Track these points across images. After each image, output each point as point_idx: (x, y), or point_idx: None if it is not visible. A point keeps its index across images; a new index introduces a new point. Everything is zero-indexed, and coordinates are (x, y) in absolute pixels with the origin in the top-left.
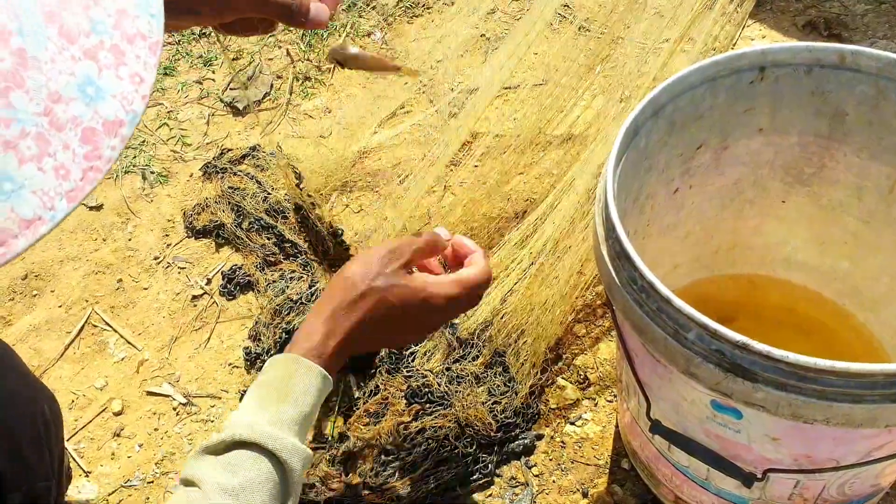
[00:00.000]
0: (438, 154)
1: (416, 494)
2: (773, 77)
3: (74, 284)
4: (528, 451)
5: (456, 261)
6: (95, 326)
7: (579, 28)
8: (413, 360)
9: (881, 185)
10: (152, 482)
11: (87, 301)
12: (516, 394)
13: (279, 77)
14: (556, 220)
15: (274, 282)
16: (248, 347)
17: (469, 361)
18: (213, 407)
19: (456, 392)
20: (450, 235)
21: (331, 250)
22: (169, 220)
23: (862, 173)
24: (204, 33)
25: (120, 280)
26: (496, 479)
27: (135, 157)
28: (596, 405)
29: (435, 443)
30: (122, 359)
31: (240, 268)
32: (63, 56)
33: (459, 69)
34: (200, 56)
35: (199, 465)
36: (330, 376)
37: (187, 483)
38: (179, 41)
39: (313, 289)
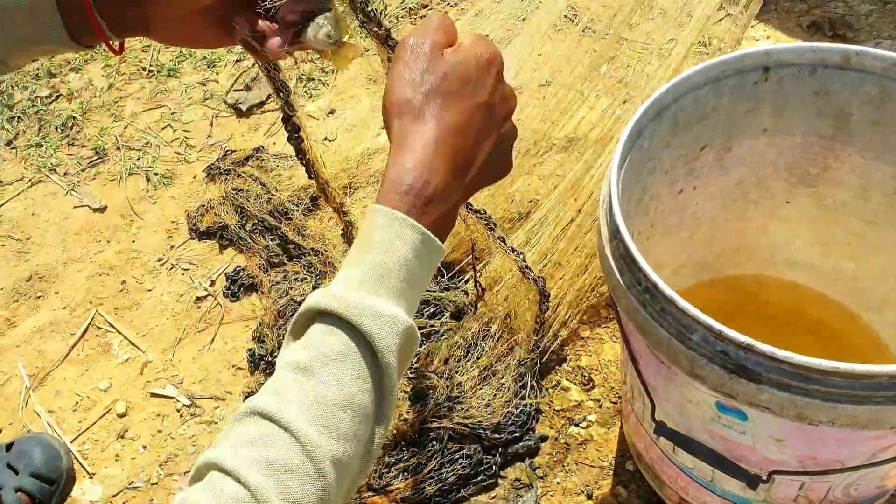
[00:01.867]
0: None
1: (419, 496)
2: (777, 77)
3: (78, 286)
4: (533, 452)
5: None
6: (99, 328)
7: (584, 29)
8: (417, 362)
9: (886, 186)
10: (156, 484)
11: (91, 303)
12: (521, 395)
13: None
14: (560, 221)
15: (277, 283)
16: (251, 349)
17: (473, 362)
18: (217, 408)
19: (460, 394)
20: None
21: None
22: (173, 222)
23: (866, 174)
24: None
25: (124, 282)
26: (500, 481)
27: (138, 158)
28: (600, 407)
29: (439, 444)
30: (126, 360)
31: (243, 269)
32: None
33: None
34: (204, 58)
35: (283, 351)
36: (421, 226)
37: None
38: None
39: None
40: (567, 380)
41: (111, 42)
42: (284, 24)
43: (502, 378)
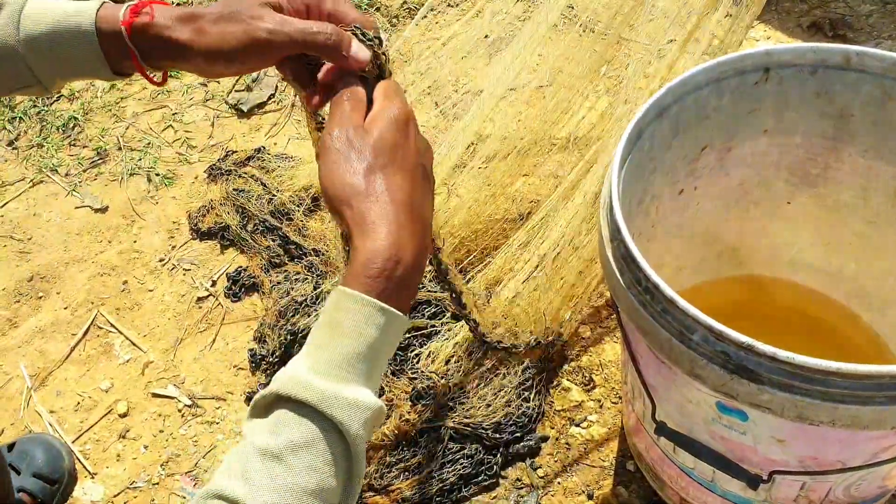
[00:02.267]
0: (443, 156)
1: (420, 496)
2: (777, 78)
3: (80, 286)
4: (534, 452)
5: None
6: (101, 328)
7: (584, 29)
8: (418, 362)
9: (887, 186)
10: (157, 483)
11: (92, 303)
12: (524, 397)
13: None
14: (560, 222)
15: (279, 283)
16: (253, 349)
17: (476, 362)
18: (218, 409)
19: (461, 393)
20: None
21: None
22: (174, 222)
23: (868, 174)
24: None
25: (125, 282)
26: (501, 481)
27: (140, 159)
28: (601, 407)
29: (440, 444)
30: (128, 360)
31: (245, 269)
32: None
33: (463, 71)
34: None
35: (246, 428)
36: (393, 308)
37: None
38: None
39: (318, 290)
40: (568, 380)
41: (152, 76)
42: (323, 86)
43: (504, 379)
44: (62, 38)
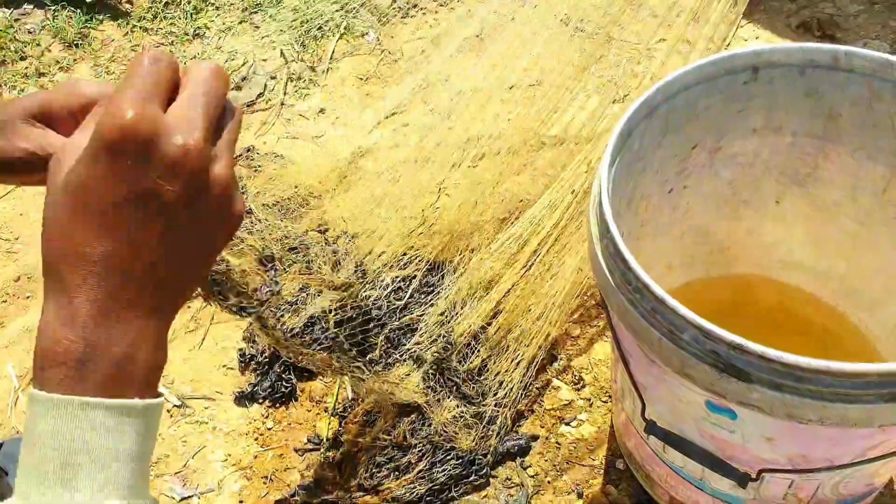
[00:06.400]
0: (432, 154)
1: (411, 496)
2: (767, 78)
3: None
4: (524, 451)
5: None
6: None
7: (574, 28)
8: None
9: (876, 186)
10: None
11: None
12: (511, 398)
13: (273, 77)
14: (550, 221)
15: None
16: (242, 349)
17: (465, 364)
18: (207, 408)
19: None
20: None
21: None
22: None
23: (856, 173)
24: (198, 34)
25: None
26: (491, 480)
27: None
28: (591, 406)
29: (430, 444)
30: None
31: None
32: None
33: (454, 70)
34: (194, 56)
35: None
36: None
37: None
38: (172, 42)
39: (307, 291)
40: (558, 379)
41: None
42: None
43: (496, 377)
44: None
